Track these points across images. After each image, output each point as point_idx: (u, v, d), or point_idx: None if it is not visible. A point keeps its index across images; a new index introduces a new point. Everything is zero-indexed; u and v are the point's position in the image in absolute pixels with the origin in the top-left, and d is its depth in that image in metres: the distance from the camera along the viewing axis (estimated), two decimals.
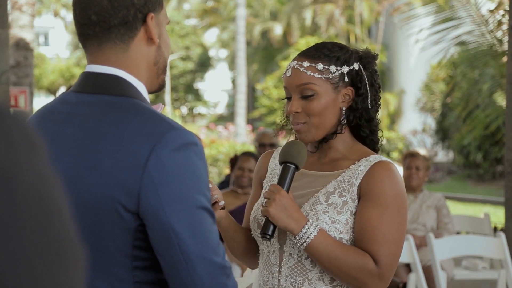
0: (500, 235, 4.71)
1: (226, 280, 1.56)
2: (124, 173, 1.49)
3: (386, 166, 2.05)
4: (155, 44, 1.64)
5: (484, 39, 7.51)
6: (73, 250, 0.75)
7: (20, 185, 0.72)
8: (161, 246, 1.52)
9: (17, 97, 6.93)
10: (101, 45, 1.61)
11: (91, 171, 1.52)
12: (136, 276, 1.56)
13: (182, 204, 1.50)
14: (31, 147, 0.74)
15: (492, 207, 12.72)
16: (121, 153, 1.51)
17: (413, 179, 5.60)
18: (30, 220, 0.72)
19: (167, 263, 1.53)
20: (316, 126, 2.08)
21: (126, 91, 1.59)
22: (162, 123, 1.53)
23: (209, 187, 1.58)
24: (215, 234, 1.56)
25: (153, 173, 1.48)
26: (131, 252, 1.55)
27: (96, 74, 1.62)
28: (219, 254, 1.55)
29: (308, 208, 2.05)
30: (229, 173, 6.10)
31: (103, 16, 1.59)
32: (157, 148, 1.49)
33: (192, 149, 1.52)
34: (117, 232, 1.53)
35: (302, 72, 2.07)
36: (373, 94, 2.12)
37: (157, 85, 1.69)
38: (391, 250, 1.99)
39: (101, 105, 1.58)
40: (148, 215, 1.50)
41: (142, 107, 1.57)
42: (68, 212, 0.77)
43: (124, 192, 1.50)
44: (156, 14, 1.64)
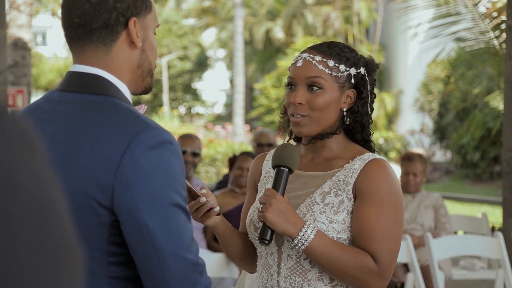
0: (497, 235, 4.72)
1: (199, 277, 1.59)
2: (99, 169, 1.53)
3: (380, 164, 2.05)
4: (138, 48, 1.67)
5: (483, 37, 7.51)
6: (70, 251, 0.75)
7: (17, 185, 0.71)
8: (134, 242, 1.55)
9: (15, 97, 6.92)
10: (83, 47, 1.66)
11: (68, 167, 1.56)
12: (111, 272, 1.59)
13: (155, 201, 1.53)
14: (28, 148, 0.74)
15: (490, 207, 12.73)
16: (96, 150, 1.55)
17: (410, 186, 5.59)
18: (26, 221, 0.71)
19: (140, 259, 1.56)
20: (316, 121, 2.08)
21: (107, 90, 1.63)
22: (138, 121, 1.56)
23: (184, 186, 1.61)
24: (189, 231, 1.58)
25: (127, 171, 1.52)
26: (106, 248, 1.58)
27: (80, 73, 1.65)
28: (192, 251, 1.58)
29: (305, 209, 2.05)
30: (227, 172, 6.09)
31: (85, 19, 1.63)
32: (132, 146, 1.53)
33: (167, 147, 1.55)
34: (93, 227, 1.56)
35: (314, 65, 2.08)
36: (371, 101, 2.14)
37: (143, 87, 1.72)
38: (390, 247, 2.00)
39: (81, 103, 1.62)
40: (122, 211, 1.53)
41: (121, 106, 1.61)
42: (66, 213, 0.77)
43: (98, 188, 1.53)
44: (140, 18, 1.67)
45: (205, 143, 17.36)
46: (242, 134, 22.69)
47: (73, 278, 0.74)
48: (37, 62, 31.08)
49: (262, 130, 6.84)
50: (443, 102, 18.12)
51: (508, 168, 5.06)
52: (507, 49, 5.10)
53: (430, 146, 19.54)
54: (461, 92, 13.09)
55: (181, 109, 32.83)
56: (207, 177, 16.48)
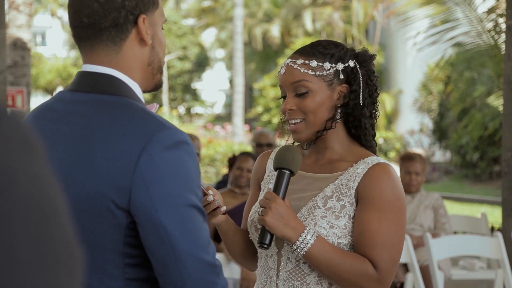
0: (497, 235, 4.72)
1: (216, 278, 1.57)
2: (116, 170, 1.51)
3: (384, 169, 2.02)
4: (148, 45, 1.65)
5: (481, 39, 7.52)
6: (70, 251, 0.75)
7: (15, 186, 0.71)
8: (151, 244, 1.53)
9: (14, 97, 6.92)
10: (93, 47, 1.63)
11: (83, 168, 1.54)
12: (127, 273, 1.57)
13: (172, 202, 1.52)
14: (27, 148, 0.74)
15: (489, 207, 12.73)
16: (113, 151, 1.53)
17: (413, 185, 5.58)
18: (24, 221, 0.71)
19: (157, 260, 1.54)
20: (312, 124, 2.05)
21: (120, 90, 1.61)
22: (154, 122, 1.55)
23: (200, 186, 1.60)
24: (206, 232, 1.57)
25: (144, 172, 1.50)
26: (123, 249, 1.56)
27: (91, 73, 1.63)
28: (209, 252, 1.56)
29: (306, 213, 2.02)
30: (227, 173, 6.09)
31: (94, 19, 1.61)
32: (149, 146, 1.51)
33: (183, 148, 1.54)
34: (109, 229, 1.54)
35: (296, 69, 2.05)
36: (367, 92, 2.08)
37: (153, 85, 1.71)
38: (391, 254, 1.97)
39: (95, 103, 1.60)
40: (139, 213, 1.52)
41: (135, 106, 1.59)
42: (66, 213, 0.76)
43: (115, 190, 1.51)
44: (149, 14, 1.65)
45: (204, 143, 17.36)
46: (241, 134, 22.69)
47: (72, 278, 0.74)
48: (37, 62, 31.07)
49: (261, 130, 6.84)
50: (443, 102, 18.13)
51: (508, 168, 5.06)
52: (507, 50, 5.10)
53: (429, 146, 19.55)
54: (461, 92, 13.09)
55: (180, 109, 32.83)
56: (207, 177, 16.48)
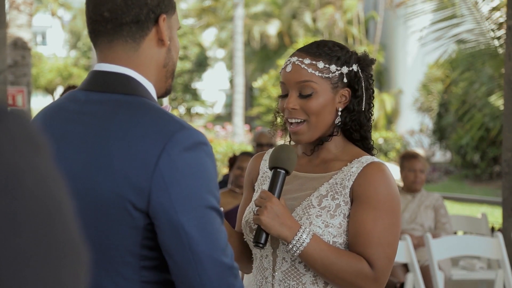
0: (497, 235, 4.72)
1: (234, 280, 1.56)
2: (134, 171, 1.49)
3: (379, 168, 2.02)
4: (165, 46, 1.64)
5: (484, 38, 7.51)
6: (75, 250, 0.75)
7: (20, 184, 0.71)
8: (170, 246, 1.51)
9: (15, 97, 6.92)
10: (112, 42, 1.61)
11: (101, 169, 1.52)
12: (143, 276, 1.55)
13: (192, 203, 1.50)
14: (33, 147, 0.74)
15: (489, 207, 12.73)
16: (131, 151, 1.50)
17: (418, 183, 5.59)
18: (30, 220, 0.71)
19: (176, 262, 1.52)
20: (314, 126, 2.04)
21: (135, 90, 1.59)
22: (172, 122, 1.53)
23: (218, 187, 1.58)
24: (224, 234, 1.55)
25: (164, 172, 1.48)
26: (139, 252, 1.54)
27: (106, 72, 1.61)
28: (228, 254, 1.54)
29: (301, 212, 2.02)
30: (227, 172, 6.10)
31: (116, 13, 1.59)
32: (168, 147, 1.49)
33: (202, 148, 1.52)
34: (126, 231, 1.52)
35: (303, 69, 2.03)
36: (368, 97, 2.09)
37: (164, 89, 1.69)
38: (386, 253, 1.97)
39: (110, 103, 1.57)
40: (158, 214, 1.49)
41: (152, 106, 1.57)
42: (71, 212, 0.77)
43: (134, 191, 1.49)
44: (168, 16, 1.64)
45: None
46: (241, 134, 22.69)
47: (77, 276, 0.74)
48: (37, 62, 31.08)
49: (261, 130, 6.85)
50: (443, 102, 18.13)
51: (508, 169, 5.06)
52: (507, 49, 5.10)
53: (429, 146, 19.55)
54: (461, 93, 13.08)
55: (180, 109, 32.83)
56: None
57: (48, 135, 1.62)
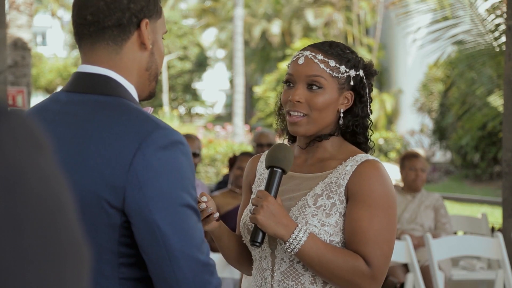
0: (497, 235, 4.72)
1: (210, 277, 1.58)
2: (110, 170, 1.53)
3: (373, 165, 2.03)
4: (148, 50, 1.67)
5: (482, 39, 7.52)
6: (77, 249, 0.75)
7: (24, 183, 0.72)
8: (145, 243, 1.55)
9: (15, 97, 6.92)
10: (94, 45, 1.65)
11: (78, 168, 1.55)
12: (121, 273, 1.58)
13: (166, 201, 1.53)
14: (35, 146, 0.74)
15: (490, 207, 12.73)
16: (107, 150, 1.54)
17: (420, 181, 5.60)
18: (32, 219, 0.72)
19: (151, 259, 1.56)
20: (314, 121, 2.05)
21: (115, 91, 1.63)
22: (148, 122, 1.56)
23: (195, 185, 1.61)
24: (200, 231, 1.58)
25: (138, 171, 1.52)
26: (117, 249, 1.57)
27: (87, 74, 1.65)
28: (203, 251, 1.58)
29: (297, 212, 2.03)
30: (227, 173, 6.10)
31: (98, 17, 1.63)
32: (143, 146, 1.53)
33: (178, 147, 1.55)
34: (103, 229, 1.56)
35: (316, 63, 2.05)
36: (369, 103, 2.13)
37: (147, 92, 1.72)
38: (383, 250, 1.98)
39: (90, 104, 1.61)
40: (133, 212, 1.53)
41: (130, 107, 1.61)
42: (74, 211, 0.77)
43: (109, 189, 1.53)
44: (152, 21, 1.68)
45: (204, 143, 17.37)
46: (241, 134, 22.69)
47: (79, 276, 0.74)
48: (37, 62, 31.08)
49: (262, 130, 6.85)
50: (443, 103, 18.13)
51: (508, 169, 5.06)
52: (507, 50, 5.10)
53: (430, 147, 19.55)
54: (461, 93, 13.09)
55: (181, 109, 32.84)
56: (207, 177, 16.48)
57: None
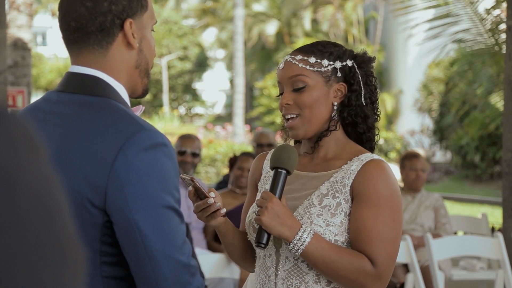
0: (497, 236, 4.72)
1: (191, 278, 1.59)
2: (93, 170, 1.55)
3: (378, 165, 2.03)
4: (135, 49, 1.68)
5: (482, 38, 7.52)
6: (72, 250, 0.75)
7: (20, 185, 0.72)
8: (126, 243, 1.56)
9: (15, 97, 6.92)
10: (80, 50, 1.67)
11: (62, 167, 1.57)
12: (104, 271, 1.60)
13: (147, 202, 1.55)
14: (31, 148, 0.75)
15: (490, 208, 12.73)
16: (90, 151, 1.56)
17: (420, 181, 5.61)
18: (29, 221, 0.72)
19: (132, 259, 1.57)
20: (308, 120, 2.07)
21: (104, 91, 1.64)
22: (132, 123, 1.58)
23: (178, 187, 1.62)
24: (181, 233, 1.59)
25: (120, 172, 1.53)
26: (99, 248, 1.59)
27: (77, 74, 1.66)
28: (184, 252, 1.59)
29: (302, 211, 2.03)
30: (227, 173, 6.10)
31: (81, 23, 1.64)
32: (125, 147, 1.54)
33: (160, 149, 1.57)
34: (86, 228, 1.57)
35: (294, 64, 2.08)
36: (368, 92, 2.11)
37: (141, 89, 1.73)
38: (388, 250, 1.98)
39: (78, 104, 1.63)
40: (114, 212, 1.55)
41: (116, 107, 1.62)
42: (68, 213, 0.77)
43: (91, 189, 1.55)
44: (137, 18, 1.67)
45: (205, 144, 17.36)
46: (242, 135, 22.69)
47: (76, 276, 0.75)
48: (37, 63, 31.08)
49: (262, 130, 6.85)
50: (443, 103, 18.13)
51: (508, 169, 5.06)
52: (507, 50, 5.10)
53: (430, 147, 19.55)
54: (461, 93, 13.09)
55: (181, 110, 32.84)
56: (207, 177, 16.48)
57: None
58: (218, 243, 5.17)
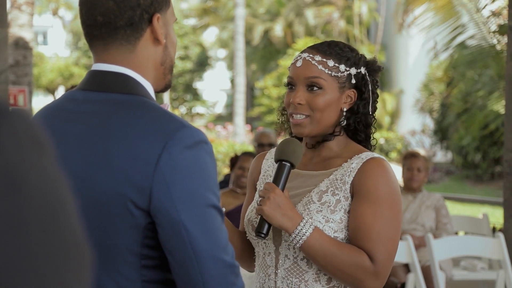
0: (498, 236, 4.72)
1: (235, 279, 1.56)
2: (135, 170, 1.49)
3: (378, 163, 2.04)
4: (162, 45, 1.64)
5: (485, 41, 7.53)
6: (78, 249, 0.75)
7: (26, 183, 0.72)
8: (172, 244, 1.51)
9: (16, 96, 6.92)
10: (107, 45, 1.61)
11: (101, 168, 1.52)
12: (144, 275, 1.56)
13: (193, 202, 1.50)
14: (37, 146, 0.74)
15: (490, 208, 12.73)
16: (132, 150, 1.51)
17: (415, 181, 5.60)
18: (34, 219, 0.72)
19: (177, 261, 1.52)
20: (316, 122, 2.07)
21: (134, 89, 1.59)
22: (172, 120, 1.53)
23: (218, 186, 1.58)
24: (225, 232, 1.56)
25: (164, 171, 1.49)
26: (140, 251, 1.54)
27: (104, 72, 1.61)
28: (229, 253, 1.55)
29: (301, 208, 2.04)
30: (228, 172, 6.10)
31: (109, 17, 1.58)
32: (169, 145, 1.49)
33: (202, 147, 1.53)
34: (127, 230, 1.53)
35: (313, 65, 2.07)
36: (373, 101, 2.14)
37: (163, 85, 1.69)
38: (387, 247, 1.99)
39: (109, 103, 1.58)
40: (159, 213, 1.50)
41: (152, 105, 1.57)
42: (75, 211, 0.77)
43: (135, 189, 1.50)
44: (162, 13, 1.63)
45: None
46: (242, 134, 22.69)
47: (81, 274, 0.74)
48: (38, 62, 31.09)
49: (263, 130, 6.85)
50: (444, 103, 18.12)
51: (509, 169, 5.05)
52: (509, 50, 5.10)
53: (431, 147, 19.54)
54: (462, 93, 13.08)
55: (182, 109, 32.83)
56: None
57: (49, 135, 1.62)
58: None
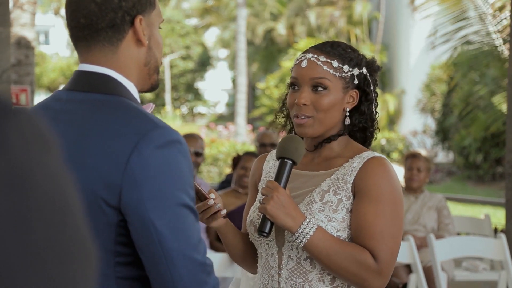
0: (500, 236, 4.72)
1: (206, 277, 1.58)
2: (107, 168, 1.53)
3: (379, 162, 2.05)
4: (144, 46, 1.67)
5: (489, 38, 7.52)
6: (83, 247, 0.75)
7: (32, 183, 0.72)
8: (142, 242, 1.54)
9: (18, 96, 6.93)
10: (90, 47, 1.65)
11: (76, 166, 1.55)
12: (118, 272, 1.58)
13: (163, 201, 1.53)
14: (43, 145, 0.74)
15: (492, 208, 12.72)
16: (105, 149, 1.54)
17: (414, 181, 5.60)
18: (42, 219, 0.72)
19: (147, 259, 1.55)
20: (320, 122, 2.08)
21: (115, 90, 1.62)
22: (147, 121, 1.56)
23: (193, 185, 1.61)
24: (197, 231, 1.58)
25: (135, 170, 1.51)
26: (114, 248, 1.57)
27: (88, 72, 1.65)
28: (200, 251, 1.57)
29: (304, 208, 2.04)
30: (230, 172, 6.09)
31: (91, 19, 1.62)
32: (140, 145, 1.52)
33: (175, 147, 1.55)
34: (100, 227, 1.55)
35: (319, 65, 2.08)
36: (375, 100, 2.17)
37: (149, 85, 1.72)
38: (389, 245, 1.99)
39: (90, 102, 1.61)
40: (129, 211, 1.53)
41: (129, 105, 1.60)
42: (81, 210, 0.77)
43: (106, 188, 1.53)
44: (146, 15, 1.66)
45: (207, 143, 17.35)
46: (244, 134, 22.69)
47: (87, 273, 0.75)
48: (40, 61, 31.11)
49: (265, 130, 6.85)
50: (446, 103, 18.11)
51: (511, 170, 5.05)
52: (511, 50, 5.09)
53: (432, 147, 19.53)
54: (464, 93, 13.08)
55: (183, 109, 32.84)
56: (209, 177, 16.48)
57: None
58: (221, 242, 5.16)
